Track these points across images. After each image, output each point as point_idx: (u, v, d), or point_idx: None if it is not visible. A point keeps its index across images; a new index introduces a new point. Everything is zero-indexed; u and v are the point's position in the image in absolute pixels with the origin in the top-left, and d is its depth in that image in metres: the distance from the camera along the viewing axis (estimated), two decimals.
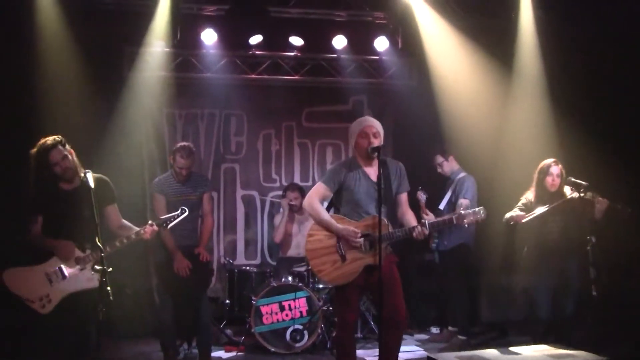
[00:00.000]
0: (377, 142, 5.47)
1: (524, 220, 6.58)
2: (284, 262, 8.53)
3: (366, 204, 5.52)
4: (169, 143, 9.35)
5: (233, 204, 9.75)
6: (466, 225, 5.66)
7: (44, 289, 5.31)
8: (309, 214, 5.66)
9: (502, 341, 8.07)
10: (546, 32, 8.39)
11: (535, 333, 6.62)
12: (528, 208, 6.73)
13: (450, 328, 8.21)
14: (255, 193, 9.80)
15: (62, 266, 5.36)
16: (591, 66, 7.93)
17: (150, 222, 5.77)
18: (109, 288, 4.71)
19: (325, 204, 5.77)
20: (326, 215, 5.53)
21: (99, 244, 4.90)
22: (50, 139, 5.46)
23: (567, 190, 6.63)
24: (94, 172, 5.35)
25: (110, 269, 4.81)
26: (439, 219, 6.00)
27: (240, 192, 9.76)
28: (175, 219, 5.92)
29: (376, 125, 5.58)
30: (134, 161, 8.96)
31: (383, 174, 5.44)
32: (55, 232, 5.43)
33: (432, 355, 5.22)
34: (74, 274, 5.38)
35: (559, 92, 8.15)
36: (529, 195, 6.88)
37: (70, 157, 5.48)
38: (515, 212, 6.84)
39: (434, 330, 8.84)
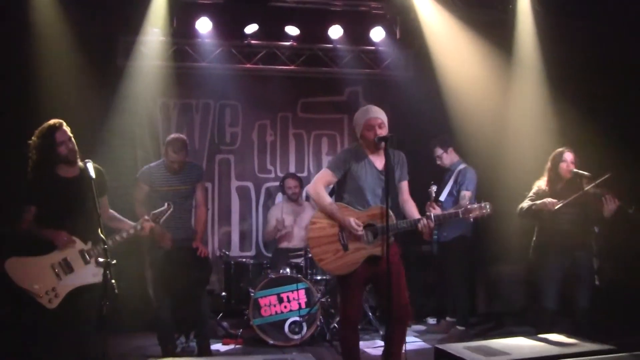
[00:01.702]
0: (383, 133, 5.43)
1: (556, 207, 6.42)
2: (280, 254, 8.49)
3: (370, 193, 5.49)
4: (162, 133, 9.22)
5: (228, 195, 9.67)
6: (471, 220, 5.66)
7: (51, 282, 5.22)
8: (313, 200, 5.66)
9: (500, 331, 8.11)
10: (544, 23, 8.35)
11: (540, 323, 6.57)
12: (540, 197, 6.63)
13: (448, 319, 8.23)
14: (250, 184, 9.73)
15: (68, 258, 5.27)
16: (590, 54, 7.90)
17: (146, 217, 5.72)
18: (113, 281, 4.62)
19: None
20: (331, 203, 5.48)
21: (101, 236, 4.81)
22: (54, 120, 5.39)
23: (581, 182, 6.55)
24: None
25: (114, 262, 4.72)
26: (445, 212, 5.99)
27: (235, 183, 9.68)
28: (164, 214, 5.86)
29: (381, 115, 5.54)
30: (126, 151, 8.91)
31: (387, 164, 5.40)
32: (54, 223, 5.34)
33: (439, 346, 5.17)
34: (81, 268, 5.30)
35: (560, 82, 8.11)
36: (541, 184, 6.76)
37: (73, 140, 5.41)
38: (527, 202, 6.71)
39: (431, 321, 8.82)
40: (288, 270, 7.74)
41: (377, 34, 9.21)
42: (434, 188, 7.34)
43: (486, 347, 5.10)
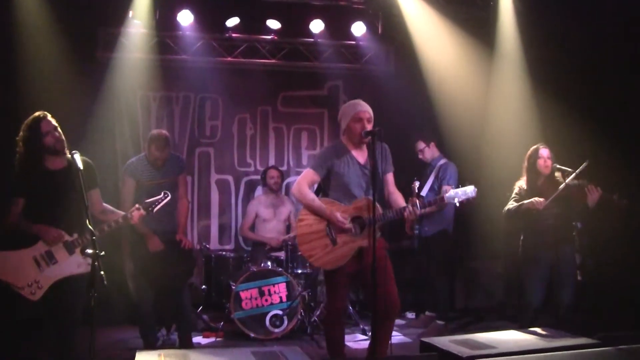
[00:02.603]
0: (370, 127, 5.46)
1: (542, 207, 6.47)
2: (260, 247, 8.49)
3: (355, 188, 5.52)
4: (142, 126, 9.21)
5: (207, 188, 9.64)
6: (457, 204, 5.66)
7: (33, 275, 5.14)
8: (299, 200, 5.64)
9: (480, 326, 8.14)
10: (525, 19, 8.41)
11: (522, 318, 6.65)
12: (522, 197, 6.68)
13: (427, 313, 8.26)
14: (229, 177, 9.71)
15: (51, 249, 5.23)
16: (571, 50, 7.97)
17: (137, 205, 5.68)
18: (102, 272, 4.59)
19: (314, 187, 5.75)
20: (316, 201, 5.50)
21: (89, 226, 4.75)
22: (38, 112, 5.35)
23: (558, 176, 6.62)
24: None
25: (103, 253, 4.68)
26: (430, 198, 6.04)
27: (214, 177, 9.66)
28: (160, 203, 5.82)
29: (370, 111, 5.58)
30: (106, 145, 8.79)
31: (372, 158, 5.42)
32: (41, 215, 5.27)
33: (425, 340, 5.21)
34: (65, 259, 5.25)
35: (541, 77, 8.14)
36: (521, 184, 6.80)
37: (59, 130, 5.37)
38: (512, 204, 6.74)
39: (409, 315, 8.88)
40: (269, 263, 7.75)
41: (358, 28, 9.26)
42: (416, 184, 7.41)
43: (472, 340, 5.14)
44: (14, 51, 7.62)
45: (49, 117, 5.35)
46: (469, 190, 5.53)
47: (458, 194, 5.53)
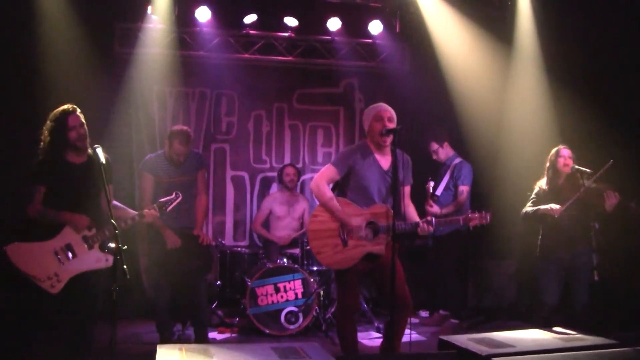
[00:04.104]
0: (391, 126, 5.48)
1: (558, 214, 6.49)
2: (271, 244, 8.49)
3: (374, 192, 5.55)
4: (158, 121, 9.22)
5: (222, 184, 9.65)
6: (471, 228, 5.74)
7: (53, 268, 5.19)
8: (316, 197, 5.66)
9: (493, 325, 8.14)
10: (543, 17, 8.40)
11: (538, 318, 6.66)
12: (540, 197, 6.71)
13: (441, 312, 8.26)
14: (245, 174, 9.72)
15: (71, 243, 5.26)
16: (590, 48, 7.96)
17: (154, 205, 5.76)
18: (125, 267, 4.62)
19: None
20: (333, 200, 5.52)
21: (113, 221, 4.78)
22: (68, 105, 5.40)
23: (578, 177, 6.60)
24: None
25: (126, 247, 4.71)
26: (446, 218, 6.09)
27: (230, 173, 9.66)
28: (172, 203, 5.87)
29: (390, 110, 5.63)
30: (122, 139, 8.79)
31: (393, 164, 5.47)
32: (58, 207, 5.32)
33: (443, 338, 5.22)
34: (84, 253, 5.29)
35: (559, 76, 8.14)
36: (541, 184, 6.80)
37: (85, 126, 5.40)
38: (530, 207, 6.75)
39: (423, 314, 8.86)
40: (285, 260, 7.76)
41: (375, 27, 9.27)
42: (431, 184, 7.41)
43: (490, 339, 5.15)
44: (33, 46, 7.67)
45: (78, 112, 5.39)
46: (484, 215, 5.59)
47: (473, 218, 5.58)
